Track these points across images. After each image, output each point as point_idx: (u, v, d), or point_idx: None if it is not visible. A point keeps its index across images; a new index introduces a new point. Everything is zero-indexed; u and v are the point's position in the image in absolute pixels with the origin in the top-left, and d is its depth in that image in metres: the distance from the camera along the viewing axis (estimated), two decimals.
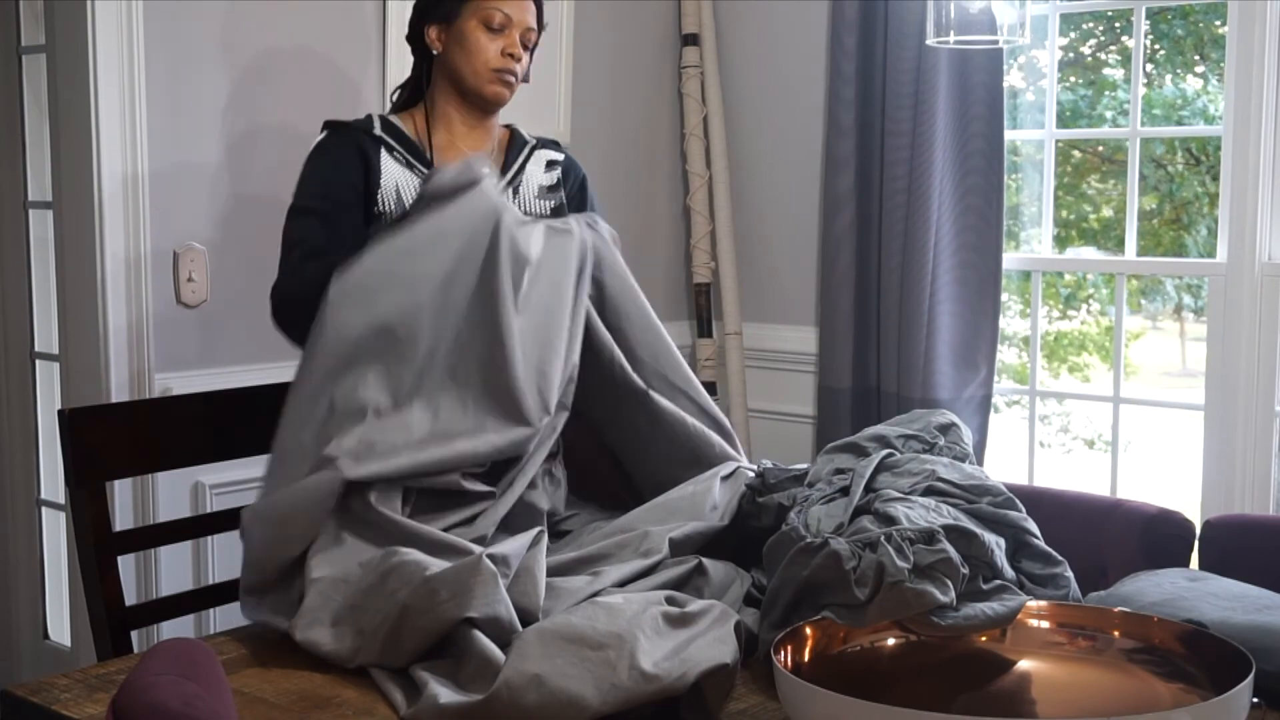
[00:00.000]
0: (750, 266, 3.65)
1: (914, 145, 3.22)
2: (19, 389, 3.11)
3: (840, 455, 1.84)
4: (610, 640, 1.43)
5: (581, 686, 1.39)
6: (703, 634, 1.49)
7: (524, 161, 2.28)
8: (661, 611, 1.50)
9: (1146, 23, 4.20)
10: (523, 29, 2.22)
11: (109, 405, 2.36)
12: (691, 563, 1.76)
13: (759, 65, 3.61)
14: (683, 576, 1.74)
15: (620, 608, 1.50)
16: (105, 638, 1.97)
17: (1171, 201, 4.73)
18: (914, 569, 1.47)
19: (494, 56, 2.19)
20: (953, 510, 1.62)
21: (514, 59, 2.21)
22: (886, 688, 1.44)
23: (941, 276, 3.22)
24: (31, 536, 3.10)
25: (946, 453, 1.84)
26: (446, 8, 2.22)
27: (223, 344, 2.76)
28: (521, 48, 2.23)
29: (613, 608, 1.50)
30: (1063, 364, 5.18)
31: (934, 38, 2.52)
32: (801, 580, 1.54)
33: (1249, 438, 3.00)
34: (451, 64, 2.22)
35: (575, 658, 1.42)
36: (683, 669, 1.41)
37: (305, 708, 1.50)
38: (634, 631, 1.44)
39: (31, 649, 3.11)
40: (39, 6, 2.92)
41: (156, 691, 1.15)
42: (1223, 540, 1.95)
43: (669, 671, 1.41)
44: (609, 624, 1.46)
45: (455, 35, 2.21)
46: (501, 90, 2.22)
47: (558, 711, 1.38)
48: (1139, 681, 1.42)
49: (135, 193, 2.59)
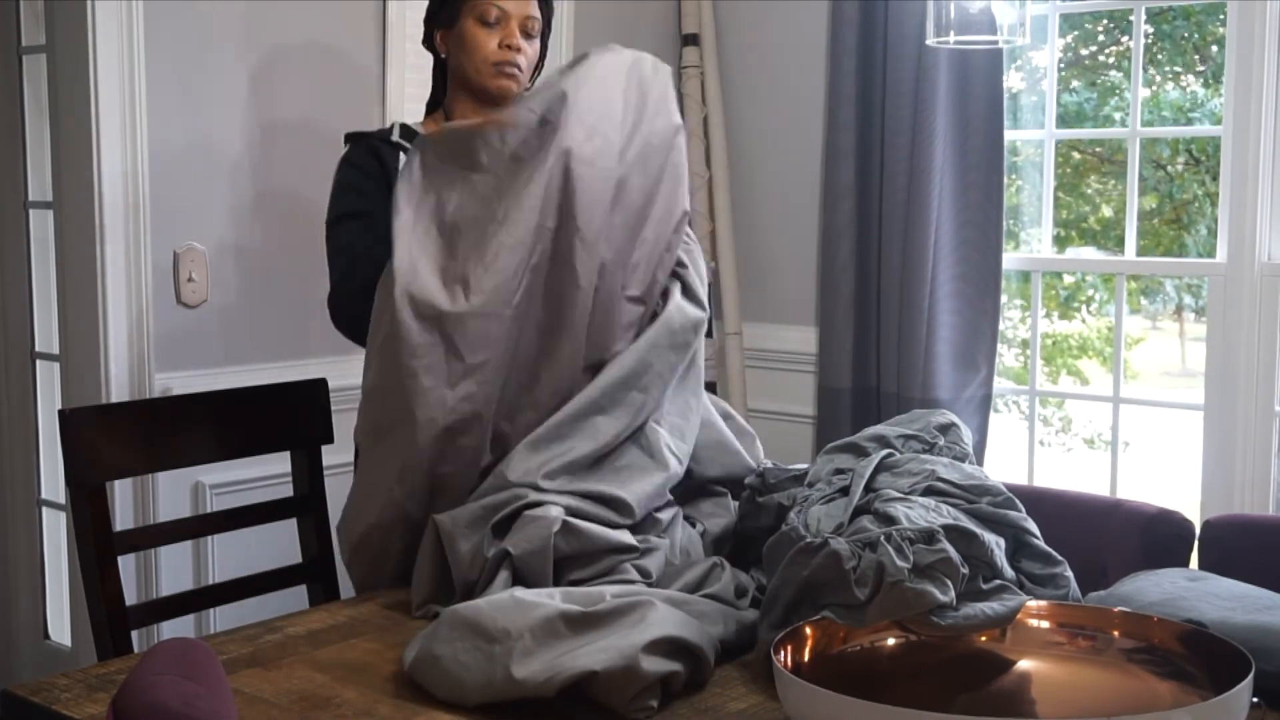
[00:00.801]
0: (750, 266, 3.65)
1: (914, 145, 3.22)
2: (19, 389, 3.11)
3: (840, 455, 1.84)
4: (500, 636, 1.50)
5: (465, 675, 1.49)
6: (594, 641, 1.50)
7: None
8: (561, 612, 1.52)
9: (1150, 25, 4.20)
10: (521, 18, 2.21)
11: (109, 405, 2.35)
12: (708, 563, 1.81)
13: (759, 65, 3.61)
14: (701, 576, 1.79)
15: (529, 604, 1.54)
16: (105, 638, 1.97)
17: (1171, 202, 4.73)
18: (914, 569, 1.47)
19: (492, 50, 2.19)
20: (952, 510, 1.61)
21: (513, 49, 2.20)
22: (886, 688, 1.44)
23: (941, 276, 3.22)
24: (31, 536, 3.10)
25: (946, 453, 1.84)
26: (447, 12, 2.23)
27: (223, 344, 2.76)
28: (524, 36, 2.22)
29: (524, 603, 1.55)
30: (1062, 368, 5.18)
31: (934, 38, 2.52)
32: (801, 580, 1.54)
33: (1249, 438, 3.00)
34: (456, 65, 2.24)
35: (471, 646, 1.50)
36: (549, 674, 1.45)
37: (305, 708, 1.50)
38: (523, 632, 1.49)
39: (31, 649, 3.11)
40: (39, 6, 2.92)
41: (156, 691, 1.16)
42: (1223, 540, 1.95)
43: (535, 676, 1.45)
44: (508, 619, 1.52)
45: (456, 36, 2.22)
46: (506, 83, 2.21)
47: (446, 693, 1.50)
48: (1139, 681, 1.42)
49: (135, 193, 2.59)
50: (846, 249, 3.37)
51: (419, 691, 1.54)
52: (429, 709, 1.49)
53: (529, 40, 2.23)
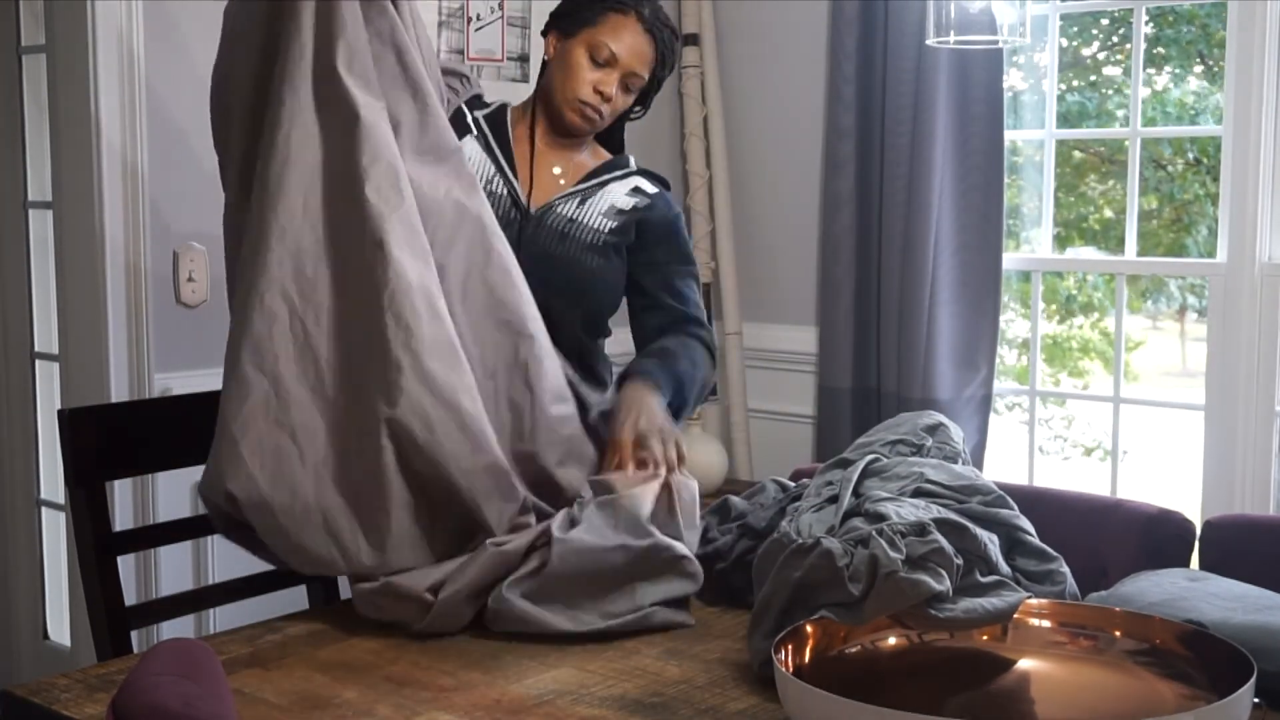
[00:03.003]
0: (750, 266, 3.65)
1: (914, 145, 3.22)
2: (19, 389, 3.11)
3: (830, 471, 1.83)
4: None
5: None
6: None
7: (611, 179, 2.26)
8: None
9: (1151, 26, 4.20)
10: (627, 71, 2.18)
11: (109, 405, 2.36)
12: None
13: (759, 65, 3.61)
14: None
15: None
16: (105, 638, 1.97)
17: (1172, 202, 4.73)
18: (907, 560, 1.47)
19: (585, 88, 2.17)
20: (943, 510, 1.61)
21: (603, 98, 2.18)
22: (887, 688, 1.44)
23: (941, 276, 3.22)
24: (31, 536, 3.10)
25: (936, 453, 1.83)
26: (570, 22, 2.20)
27: (223, 344, 2.74)
28: (623, 90, 2.20)
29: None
30: (1062, 369, 5.18)
31: (934, 38, 2.52)
32: (794, 583, 1.53)
33: (1249, 438, 3.00)
34: (551, 78, 2.22)
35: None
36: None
37: (305, 708, 1.50)
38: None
39: (31, 649, 3.12)
40: (39, 6, 2.92)
41: (156, 691, 1.16)
42: (1223, 540, 1.95)
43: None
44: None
45: (564, 52, 2.20)
46: (580, 122, 2.20)
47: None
48: (1140, 682, 1.42)
49: (135, 192, 2.59)
50: (846, 249, 3.37)
51: (419, 691, 1.54)
52: (429, 709, 1.49)
53: (626, 94, 2.21)
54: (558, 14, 2.24)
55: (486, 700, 1.52)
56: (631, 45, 2.17)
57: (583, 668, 1.63)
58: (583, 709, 1.49)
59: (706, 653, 1.69)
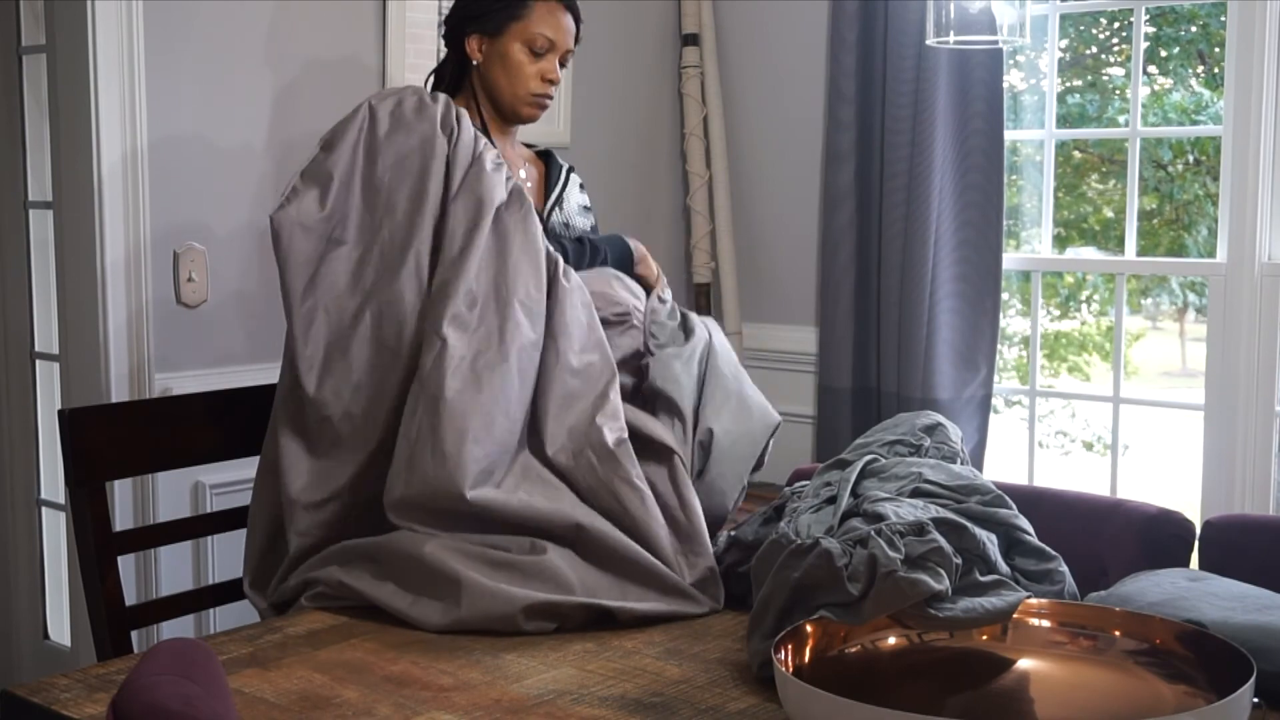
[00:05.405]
0: (750, 266, 3.65)
1: (914, 145, 3.22)
2: (19, 389, 3.11)
3: (829, 473, 1.83)
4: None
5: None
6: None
7: (565, 185, 2.34)
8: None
9: (1152, 27, 4.20)
10: (564, 51, 2.24)
11: (109, 405, 2.35)
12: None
13: (759, 65, 3.61)
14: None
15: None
16: (105, 638, 1.97)
17: (1171, 202, 4.73)
18: (906, 559, 1.47)
19: (535, 81, 2.22)
20: (941, 510, 1.61)
21: (553, 83, 2.23)
22: (887, 688, 1.44)
23: (941, 276, 3.22)
24: (31, 536, 3.10)
25: (934, 453, 1.83)
26: (492, 22, 2.21)
27: (223, 344, 2.76)
28: (561, 66, 2.25)
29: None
30: (1063, 363, 5.18)
31: (934, 37, 2.52)
32: (793, 583, 1.53)
33: (1249, 438, 3.00)
34: (490, 79, 2.23)
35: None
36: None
37: (305, 708, 1.50)
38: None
39: (31, 649, 3.11)
40: (39, 6, 2.92)
41: (156, 691, 1.16)
42: (1223, 540, 1.95)
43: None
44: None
45: (497, 51, 2.21)
46: (537, 113, 2.26)
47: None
48: (1140, 682, 1.42)
49: (135, 193, 2.59)
50: (846, 249, 3.37)
51: (419, 691, 1.54)
52: (429, 709, 1.49)
53: (562, 69, 2.26)
54: (471, 16, 2.24)
55: (486, 700, 1.52)
56: (562, 25, 2.23)
57: (583, 668, 1.63)
58: (583, 709, 1.49)
59: (706, 653, 1.69)
